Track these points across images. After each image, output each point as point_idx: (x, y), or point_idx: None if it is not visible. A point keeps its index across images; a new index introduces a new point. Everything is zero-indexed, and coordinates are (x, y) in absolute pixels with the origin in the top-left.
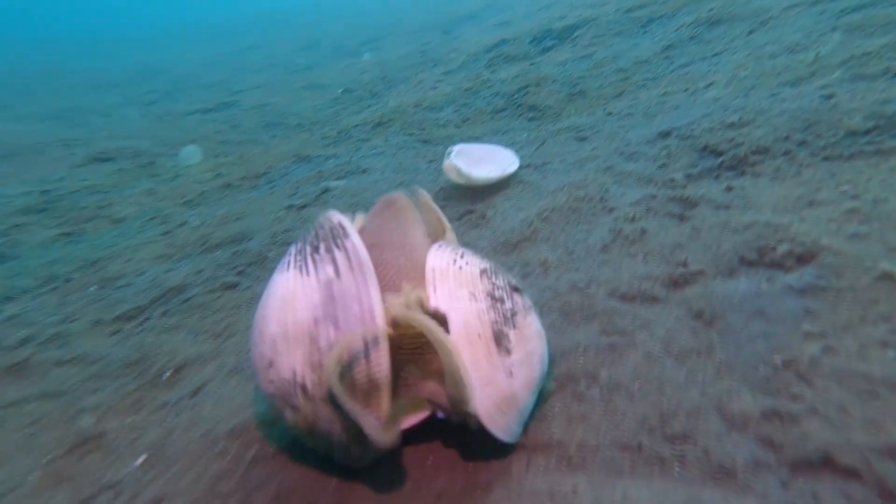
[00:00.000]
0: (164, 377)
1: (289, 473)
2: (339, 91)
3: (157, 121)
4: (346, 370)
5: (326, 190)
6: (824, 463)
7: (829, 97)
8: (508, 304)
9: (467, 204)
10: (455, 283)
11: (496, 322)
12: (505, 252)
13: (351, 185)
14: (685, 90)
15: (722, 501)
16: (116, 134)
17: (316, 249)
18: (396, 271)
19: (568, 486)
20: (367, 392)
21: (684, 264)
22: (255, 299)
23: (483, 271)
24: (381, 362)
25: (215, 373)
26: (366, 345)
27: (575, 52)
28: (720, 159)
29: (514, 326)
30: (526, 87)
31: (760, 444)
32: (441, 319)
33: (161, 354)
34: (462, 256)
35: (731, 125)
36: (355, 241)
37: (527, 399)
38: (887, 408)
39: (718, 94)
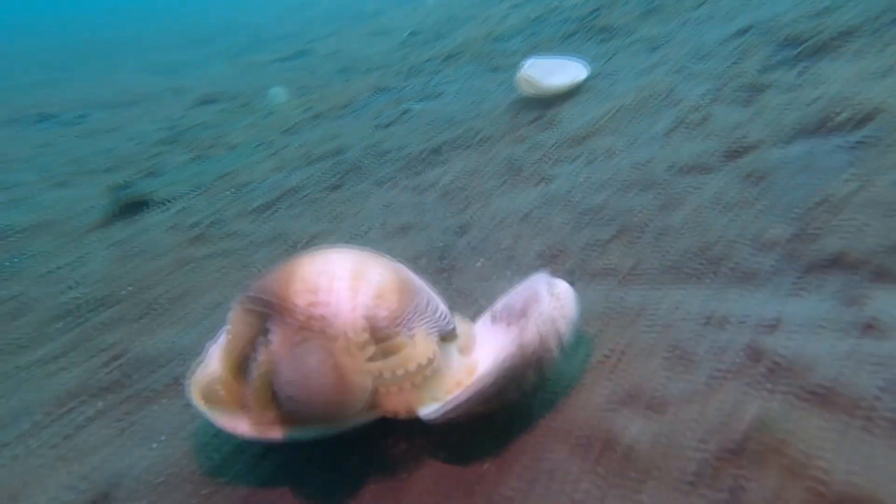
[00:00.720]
0: (301, 244)
1: None
2: (406, 34)
3: (244, 70)
4: None
5: (407, 111)
6: (834, 263)
7: None
8: None
9: (538, 111)
10: None
11: None
12: (572, 145)
13: (427, 107)
14: None
15: (740, 295)
16: (213, 82)
17: None
18: None
19: (619, 295)
20: None
21: (743, 138)
22: (355, 198)
23: None
24: None
25: (337, 240)
26: None
27: None
28: (800, 48)
29: None
30: (598, 9)
31: (783, 258)
32: None
33: (294, 232)
34: None
35: (819, 13)
36: None
37: None
38: None
39: None
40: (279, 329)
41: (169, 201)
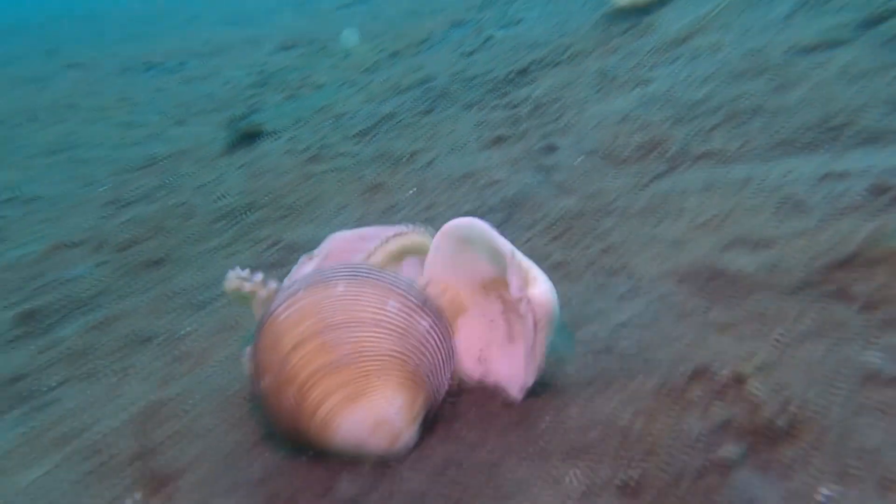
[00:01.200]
0: (404, 159)
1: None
2: None
3: (311, 17)
4: None
5: (489, 38)
6: None
7: None
8: None
9: (631, 21)
10: None
11: None
12: (671, 48)
13: (510, 33)
14: None
15: (864, 154)
16: (284, 30)
17: None
18: None
19: (724, 171)
20: None
21: (889, 1)
22: (447, 119)
23: None
24: None
25: (436, 155)
26: None
27: None
28: None
29: None
30: None
31: None
32: None
33: (395, 150)
34: None
35: None
36: None
37: None
38: None
39: None
40: None
41: (276, 132)
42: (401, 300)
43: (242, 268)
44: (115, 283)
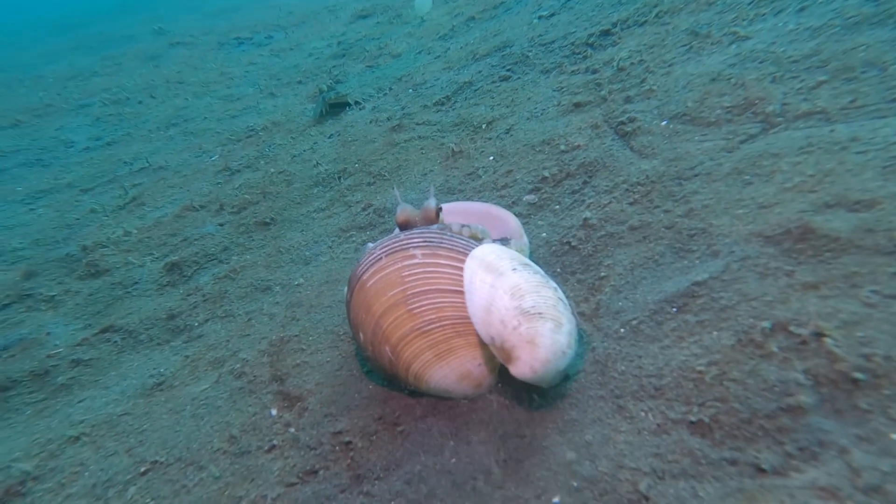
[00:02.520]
0: (483, 127)
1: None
2: None
3: None
4: None
5: None
6: None
7: None
8: None
9: None
10: None
11: None
12: None
13: None
14: None
15: None
16: None
17: None
18: None
19: (826, 130)
20: None
21: None
22: (526, 85)
23: None
24: None
25: (514, 122)
26: None
27: None
28: None
29: None
30: None
31: None
32: None
33: (474, 117)
34: None
35: None
36: None
37: None
38: None
39: None
40: None
41: (360, 102)
42: None
43: (341, 229)
44: (235, 240)
